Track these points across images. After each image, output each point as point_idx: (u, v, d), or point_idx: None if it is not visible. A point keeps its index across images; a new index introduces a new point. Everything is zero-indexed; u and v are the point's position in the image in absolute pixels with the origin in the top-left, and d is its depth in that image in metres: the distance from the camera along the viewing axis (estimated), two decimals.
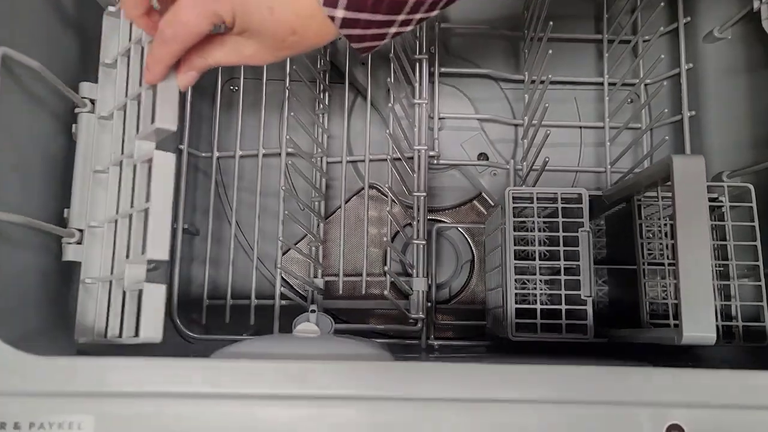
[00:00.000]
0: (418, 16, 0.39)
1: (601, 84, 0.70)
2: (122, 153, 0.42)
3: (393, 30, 0.39)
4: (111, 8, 0.44)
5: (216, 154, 0.67)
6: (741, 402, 0.33)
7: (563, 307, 0.52)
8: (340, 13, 0.37)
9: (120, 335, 0.39)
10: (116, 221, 0.40)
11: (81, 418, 0.32)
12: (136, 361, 0.33)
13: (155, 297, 0.35)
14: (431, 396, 0.33)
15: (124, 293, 0.39)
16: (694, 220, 0.41)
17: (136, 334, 0.36)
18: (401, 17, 0.38)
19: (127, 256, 0.39)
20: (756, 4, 0.54)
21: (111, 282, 0.40)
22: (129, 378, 0.32)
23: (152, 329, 0.34)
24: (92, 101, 0.45)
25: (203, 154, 0.67)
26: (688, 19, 0.65)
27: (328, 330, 0.49)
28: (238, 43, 0.39)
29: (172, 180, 0.36)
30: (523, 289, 0.56)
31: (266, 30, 0.37)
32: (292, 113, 0.61)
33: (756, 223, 0.52)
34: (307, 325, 0.42)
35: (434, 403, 0.33)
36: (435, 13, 0.39)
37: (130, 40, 0.42)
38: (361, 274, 0.64)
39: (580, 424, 0.33)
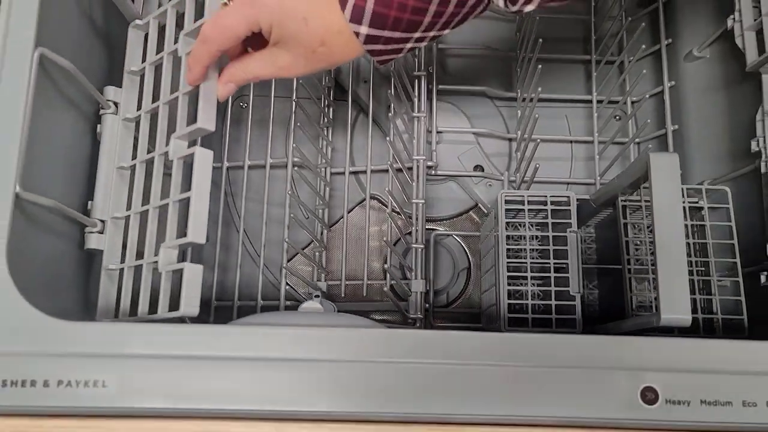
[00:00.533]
0: (431, 34, 0.44)
1: (590, 101, 0.74)
2: (149, 151, 0.46)
3: (409, 45, 0.44)
4: (138, 22, 0.48)
5: (226, 164, 0.71)
6: (707, 366, 0.36)
7: (553, 302, 0.55)
8: (364, 29, 0.42)
9: (150, 313, 0.42)
10: (148, 211, 0.44)
11: (105, 377, 0.35)
12: (156, 327, 0.36)
13: (194, 275, 0.38)
14: (430, 360, 0.36)
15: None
16: (670, 211, 0.44)
17: (174, 310, 0.39)
18: (417, 35, 0.43)
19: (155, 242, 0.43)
20: (729, 23, 0.59)
21: (142, 265, 0.43)
22: (148, 341, 0.35)
23: (192, 304, 0.38)
24: (116, 104, 0.49)
25: (214, 165, 0.71)
26: (670, 40, 0.70)
27: (331, 311, 0.52)
28: (273, 55, 0.43)
29: (210, 173, 0.40)
30: (515, 286, 0.59)
31: (300, 40, 0.42)
32: (298, 123, 0.65)
33: (732, 223, 0.56)
34: (311, 303, 0.45)
35: (432, 366, 0.36)
36: (447, 31, 0.44)
37: (156, 52, 0.46)
38: (362, 280, 0.67)
39: (564, 386, 0.36)
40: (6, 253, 0.36)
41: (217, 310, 0.66)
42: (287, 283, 0.67)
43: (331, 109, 0.73)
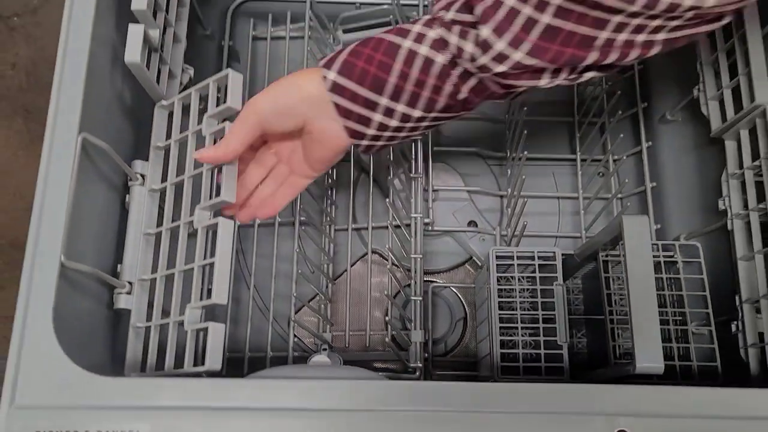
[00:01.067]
0: (399, 108, 0.47)
1: (574, 159, 0.80)
2: (173, 220, 0.51)
3: (377, 117, 0.47)
4: (163, 102, 0.54)
5: (237, 222, 0.76)
6: (676, 412, 0.40)
7: (542, 351, 0.60)
8: (331, 75, 0.46)
9: (176, 367, 0.46)
10: (174, 274, 0.49)
11: (140, 426, 0.39)
12: (184, 381, 0.40)
13: (218, 333, 0.43)
14: (420, 408, 0.40)
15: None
16: (642, 268, 0.49)
17: (199, 365, 0.44)
18: (383, 101, 0.46)
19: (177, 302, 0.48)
20: (695, 92, 0.65)
21: (169, 324, 0.48)
22: (179, 394, 0.40)
23: (216, 360, 0.42)
24: (143, 176, 0.54)
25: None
26: (645, 104, 0.76)
27: (338, 363, 0.56)
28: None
29: (231, 241, 0.45)
30: (507, 337, 0.63)
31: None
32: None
33: (704, 276, 0.60)
34: (320, 357, 0.49)
35: (430, 414, 0.40)
36: (416, 114, 0.47)
37: (180, 130, 0.52)
38: (365, 330, 0.71)
39: (548, 430, 0.40)
40: (52, 317, 0.41)
41: (230, 361, 0.70)
42: (295, 335, 0.71)
43: (334, 170, 0.78)
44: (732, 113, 0.59)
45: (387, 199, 0.67)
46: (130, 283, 0.52)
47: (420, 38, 0.45)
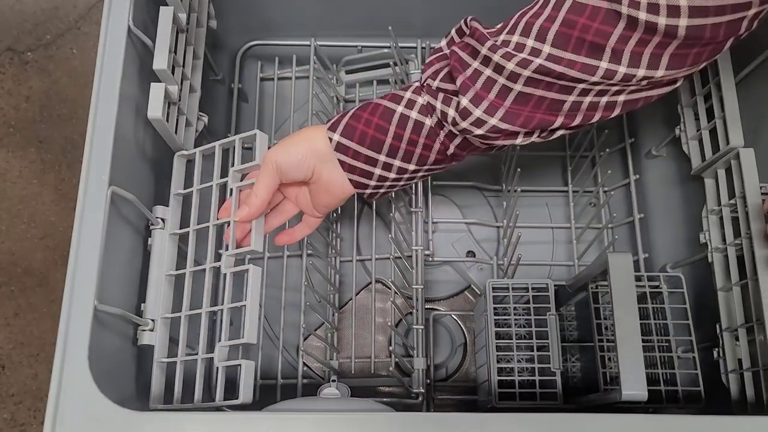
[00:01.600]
0: (395, 163, 0.53)
1: (567, 191, 0.84)
2: (194, 264, 0.56)
3: (377, 171, 0.54)
4: (184, 152, 0.59)
5: (248, 257, 0.81)
6: None
7: (537, 378, 0.64)
8: (336, 136, 0.53)
9: (203, 401, 0.51)
10: (201, 314, 0.53)
11: None
12: (207, 415, 0.44)
13: (249, 369, 0.49)
14: None
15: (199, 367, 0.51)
16: (626, 301, 0.53)
17: (228, 399, 0.48)
18: (382, 158, 0.53)
19: (202, 339, 0.52)
20: (677, 132, 0.69)
21: (197, 359, 0.52)
22: (204, 427, 0.44)
23: (248, 393, 0.47)
24: (163, 220, 0.59)
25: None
26: (633, 139, 0.80)
27: (346, 395, 0.60)
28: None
29: (260, 285, 0.49)
30: (505, 363, 0.67)
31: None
32: None
33: (687, 305, 0.64)
34: (330, 390, 0.53)
35: None
36: (411, 168, 0.54)
37: (201, 179, 0.57)
38: (370, 357, 0.75)
39: None
40: (87, 357, 0.45)
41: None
42: (303, 362, 0.75)
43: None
44: (710, 153, 0.63)
45: (390, 235, 0.71)
46: (152, 320, 0.56)
47: (411, 104, 0.52)
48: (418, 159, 0.53)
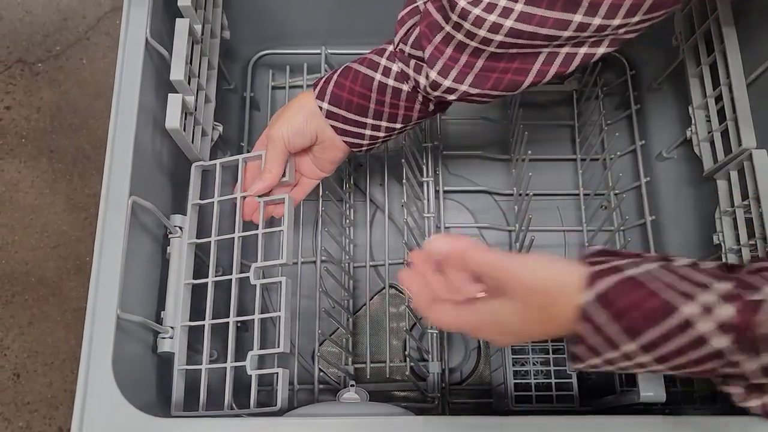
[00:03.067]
0: (383, 124, 0.57)
1: (578, 194, 0.84)
2: (216, 272, 0.57)
3: (368, 132, 0.57)
4: (202, 163, 0.59)
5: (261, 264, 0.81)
6: None
7: (553, 380, 0.64)
8: (324, 105, 0.56)
9: (225, 407, 0.51)
10: (229, 323, 0.55)
11: None
12: (229, 421, 0.45)
13: (285, 376, 0.51)
14: None
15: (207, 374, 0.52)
16: None
17: (244, 407, 0.49)
18: (369, 121, 0.56)
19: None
20: (688, 134, 0.69)
21: (227, 367, 0.54)
22: None
23: (285, 400, 0.50)
24: (181, 228, 0.59)
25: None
26: (643, 141, 0.81)
27: (365, 399, 0.61)
28: None
29: (290, 294, 0.52)
30: (520, 366, 0.68)
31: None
32: (326, 229, 0.75)
33: None
34: (350, 394, 0.54)
35: None
36: (397, 126, 0.57)
37: (221, 191, 0.58)
38: (385, 362, 0.76)
39: None
40: (112, 364, 0.46)
41: (258, 393, 0.74)
42: (319, 369, 0.76)
43: (352, 211, 0.83)
44: (722, 155, 0.64)
45: (403, 240, 0.72)
46: (172, 328, 0.56)
47: (387, 71, 0.55)
48: (402, 118, 0.57)
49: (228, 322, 0.55)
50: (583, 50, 0.48)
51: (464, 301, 0.40)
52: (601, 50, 0.48)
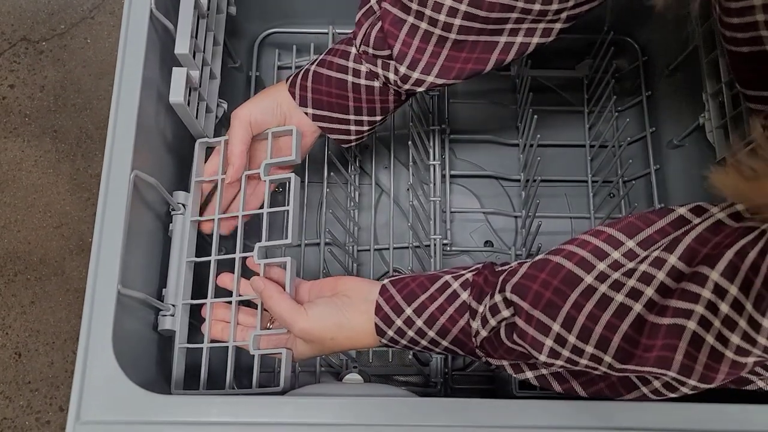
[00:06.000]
0: (365, 118, 0.59)
1: (586, 182, 0.83)
2: (219, 251, 0.56)
3: (353, 128, 0.60)
4: (206, 139, 0.59)
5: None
6: (684, 425, 0.44)
7: None
8: (310, 110, 0.59)
9: (227, 387, 0.51)
10: (232, 301, 0.54)
11: None
12: (232, 398, 0.44)
13: (289, 358, 0.50)
14: (447, 424, 0.44)
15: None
16: None
17: (246, 387, 0.48)
18: (351, 117, 0.59)
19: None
20: (701, 120, 0.68)
21: (229, 347, 0.53)
22: (228, 410, 0.44)
23: (288, 380, 0.49)
24: (183, 205, 0.58)
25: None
26: (654, 129, 0.79)
27: (367, 381, 0.60)
28: None
29: (294, 276, 0.52)
30: None
31: None
32: (331, 211, 0.74)
33: None
34: (353, 376, 0.53)
35: (456, 429, 0.44)
36: (379, 119, 0.60)
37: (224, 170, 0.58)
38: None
39: None
40: (112, 340, 0.45)
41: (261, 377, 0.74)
42: None
43: (357, 193, 0.82)
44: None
45: (408, 223, 0.71)
46: (173, 305, 0.56)
47: (357, 73, 0.58)
48: (381, 110, 0.60)
49: (231, 302, 0.55)
50: (530, 39, 0.54)
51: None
52: (535, 40, 0.54)
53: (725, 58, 0.47)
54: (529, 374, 0.46)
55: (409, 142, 0.75)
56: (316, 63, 0.59)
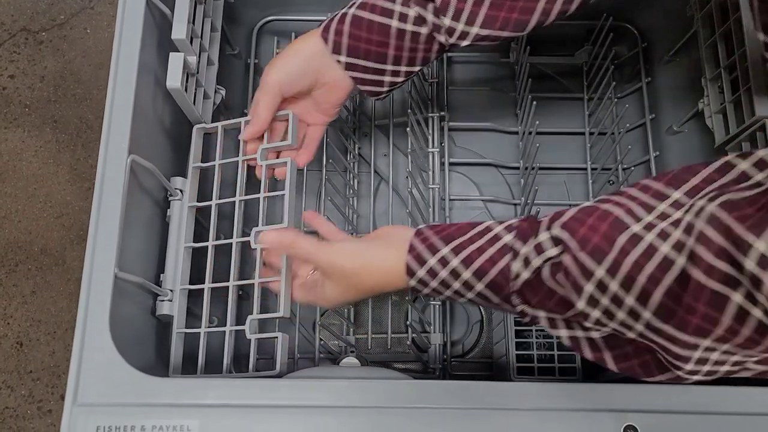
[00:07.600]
0: (402, 68, 0.56)
1: (585, 169, 0.83)
2: (217, 238, 0.56)
3: (387, 78, 0.57)
4: (204, 125, 0.58)
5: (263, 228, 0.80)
6: (682, 408, 0.44)
7: (556, 352, 0.63)
8: (343, 58, 0.55)
9: (225, 371, 0.51)
10: (230, 286, 0.54)
11: (190, 422, 0.43)
12: (229, 381, 0.44)
13: (285, 341, 0.51)
14: (443, 406, 0.44)
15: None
16: None
17: (242, 372, 0.48)
18: (389, 67, 0.55)
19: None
20: (700, 106, 0.68)
21: (226, 331, 0.54)
22: (225, 393, 0.44)
23: (284, 364, 0.49)
24: (181, 191, 0.58)
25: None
26: (653, 115, 0.79)
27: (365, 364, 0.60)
28: None
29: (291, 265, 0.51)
30: (522, 338, 0.67)
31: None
32: (329, 198, 0.74)
33: None
34: (350, 359, 0.53)
35: (452, 411, 0.44)
36: (417, 69, 0.57)
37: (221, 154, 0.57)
38: (386, 333, 0.75)
39: (560, 425, 0.44)
40: (109, 323, 0.45)
41: (258, 363, 0.74)
42: (320, 339, 0.75)
43: (356, 181, 0.82)
44: (734, 127, 0.62)
45: (407, 209, 0.71)
46: (171, 291, 0.56)
47: (404, 18, 0.53)
48: (422, 59, 0.56)
49: (228, 287, 0.55)
50: None
51: (307, 281, 0.53)
52: None
53: (751, 8, 0.45)
54: (563, 332, 0.43)
55: (408, 130, 0.75)
56: (356, 5, 0.55)
